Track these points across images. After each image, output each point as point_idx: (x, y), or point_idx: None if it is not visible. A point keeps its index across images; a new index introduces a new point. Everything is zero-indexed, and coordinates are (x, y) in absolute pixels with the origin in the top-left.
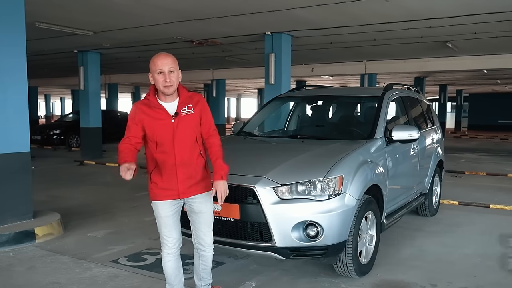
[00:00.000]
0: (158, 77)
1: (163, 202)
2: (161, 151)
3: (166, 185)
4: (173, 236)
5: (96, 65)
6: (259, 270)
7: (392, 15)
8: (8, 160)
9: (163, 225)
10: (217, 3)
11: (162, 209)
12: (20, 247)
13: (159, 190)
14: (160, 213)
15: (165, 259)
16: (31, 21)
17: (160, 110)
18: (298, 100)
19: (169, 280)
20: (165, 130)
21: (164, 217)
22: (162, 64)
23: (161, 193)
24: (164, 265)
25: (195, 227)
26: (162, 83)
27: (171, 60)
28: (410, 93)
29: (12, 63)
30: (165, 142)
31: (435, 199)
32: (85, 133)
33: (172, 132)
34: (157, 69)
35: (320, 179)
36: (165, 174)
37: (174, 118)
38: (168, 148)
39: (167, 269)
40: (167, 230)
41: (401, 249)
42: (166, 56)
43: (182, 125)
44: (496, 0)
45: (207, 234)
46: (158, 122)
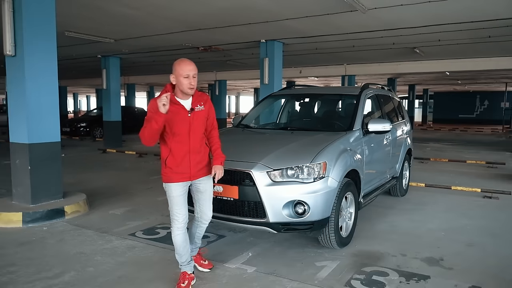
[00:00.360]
0: (184, 80)
1: (176, 184)
2: (177, 141)
3: (180, 170)
4: (182, 213)
5: (117, 68)
6: (255, 242)
7: (368, 25)
8: (42, 149)
9: (174, 204)
10: (220, 15)
11: (175, 190)
12: (52, 223)
13: (174, 174)
14: (172, 194)
15: (174, 233)
16: (61, 30)
17: (179, 106)
18: (288, 98)
19: (178, 250)
20: (182, 122)
21: (176, 196)
22: (189, 70)
23: (175, 176)
24: (174, 238)
25: (200, 204)
26: (188, 86)
27: (194, 67)
28: (383, 92)
29: (46, 67)
30: (182, 133)
31: (405, 181)
32: (107, 126)
33: (188, 125)
34: (185, 73)
35: (307, 164)
36: (180, 160)
37: (190, 113)
38: (184, 138)
39: (176, 242)
40: (178, 208)
41: (376, 224)
42: (191, 63)
43: (196, 119)
44: (457, 13)
45: (209, 209)
46: (177, 116)
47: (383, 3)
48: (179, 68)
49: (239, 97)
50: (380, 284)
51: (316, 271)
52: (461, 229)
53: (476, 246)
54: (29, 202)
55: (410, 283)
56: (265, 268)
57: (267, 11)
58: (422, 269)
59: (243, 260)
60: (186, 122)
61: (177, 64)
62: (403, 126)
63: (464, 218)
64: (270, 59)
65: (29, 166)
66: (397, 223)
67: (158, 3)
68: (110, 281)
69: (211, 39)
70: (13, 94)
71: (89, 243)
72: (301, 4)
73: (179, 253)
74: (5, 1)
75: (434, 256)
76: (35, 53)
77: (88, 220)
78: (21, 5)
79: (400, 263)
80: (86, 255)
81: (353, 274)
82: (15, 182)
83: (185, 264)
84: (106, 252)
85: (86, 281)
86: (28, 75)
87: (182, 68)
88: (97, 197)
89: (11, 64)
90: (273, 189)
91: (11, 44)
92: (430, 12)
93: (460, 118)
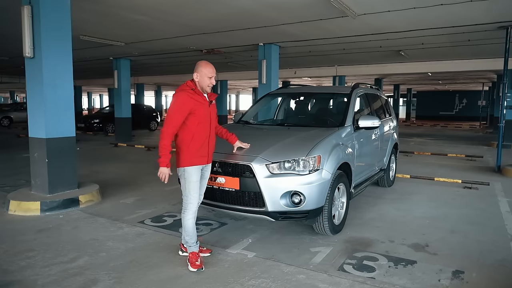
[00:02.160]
0: (208, 80)
1: (197, 167)
2: (201, 127)
3: (201, 153)
4: (197, 197)
5: (127, 69)
6: (255, 229)
7: (357, 30)
8: (58, 143)
9: (192, 189)
10: (222, 20)
11: (196, 173)
12: (67, 211)
13: (196, 158)
14: (193, 178)
15: (187, 217)
16: (77, 35)
17: (202, 97)
18: (284, 96)
19: (189, 233)
20: (206, 111)
21: (195, 182)
22: (213, 72)
23: (197, 160)
24: (187, 222)
25: (201, 190)
26: (209, 84)
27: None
28: (372, 91)
29: (62, 67)
30: (205, 121)
31: (392, 173)
32: (119, 122)
33: (209, 114)
34: (210, 74)
35: (303, 157)
36: (201, 144)
37: (210, 105)
38: (206, 125)
39: (188, 225)
40: (194, 193)
41: (366, 213)
42: (213, 66)
43: (213, 110)
44: (439, 19)
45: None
46: (202, 106)
47: (371, 10)
48: (205, 69)
49: (238, 95)
50: (371, 268)
51: (311, 256)
52: (444, 217)
53: (458, 233)
54: (47, 192)
55: (398, 268)
56: (264, 254)
57: (265, 17)
58: (409, 254)
59: (243, 246)
60: (208, 111)
61: (204, 66)
62: (390, 122)
63: (447, 207)
64: (268, 61)
65: (46, 159)
66: (385, 212)
67: (165, 10)
68: (121, 265)
69: (214, 43)
70: (31, 93)
71: (102, 230)
72: (296, 11)
73: (190, 235)
74: (24, 8)
75: (420, 242)
76: (52, 55)
77: (100, 209)
78: (39, 11)
79: (389, 249)
80: (99, 241)
81: (346, 259)
82: (34, 174)
83: (194, 245)
84: (117, 238)
85: (99, 265)
86: (45, 76)
87: (209, 70)
88: (109, 187)
89: (30, 65)
90: (272, 180)
91: (30, 47)
92: (414, 18)
93: (441, 115)
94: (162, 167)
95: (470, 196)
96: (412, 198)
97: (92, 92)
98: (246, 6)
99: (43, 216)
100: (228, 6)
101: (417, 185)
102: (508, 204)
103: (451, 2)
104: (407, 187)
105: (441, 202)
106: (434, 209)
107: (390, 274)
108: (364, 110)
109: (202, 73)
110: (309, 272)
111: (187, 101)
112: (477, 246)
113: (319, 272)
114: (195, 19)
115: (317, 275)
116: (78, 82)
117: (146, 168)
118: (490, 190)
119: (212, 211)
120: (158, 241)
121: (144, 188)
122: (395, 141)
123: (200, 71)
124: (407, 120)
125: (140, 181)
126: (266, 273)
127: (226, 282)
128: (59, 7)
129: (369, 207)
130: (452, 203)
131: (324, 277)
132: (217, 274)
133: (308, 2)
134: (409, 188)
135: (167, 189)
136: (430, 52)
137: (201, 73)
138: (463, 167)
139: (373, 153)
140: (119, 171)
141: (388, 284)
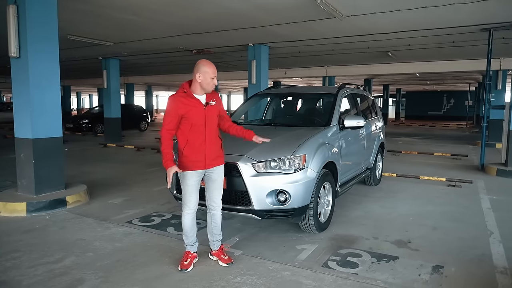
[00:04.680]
0: (211, 80)
1: (192, 172)
2: (194, 131)
3: (197, 158)
4: (193, 200)
5: (116, 69)
6: (242, 228)
7: (346, 31)
8: (45, 143)
9: (187, 191)
10: (212, 20)
11: (190, 178)
12: (54, 212)
13: (191, 163)
14: (188, 182)
15: (185, 217)
16: (64, 34)
17: (195, 100)
18: (272, 96)
19: (186, 232)
20: (199, 115)
21: (190, 185)
22: (216, 73)
23: (191, 165)
24: (184, 221)
25: (210, 192)
26: (211, 85)
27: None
28: (359, 91)
29: (48, 67)
30: (198, 124)
31: (378, 172)
32: (108, 122)
33: (204, 117)
34: (213, 74)
35: (288, 157)
36: (196, 149)
37: (205, 107)
38: (201, 129)
39: (185, 224)
40: (190, 196)
41: (351, 211)
42: (215, 66)
43: (210, 112)
44: (424, 20)
45: (217, 196)
46: (194, 109)
47: (358, 11)
48: (208, 70)
49: (230, 95)
50: (354, 264)
51: (296, 253)
52: (428, 214)
53: (440, 230)
54: (33, 193)
55: (381, 263)
56: (251, 251)
57: (254, 18)
58: (391, 250)
59: (231, 244)
60: (202, 114)
61: (207, 66)
62: (377, 122)
63: (431, 205)
64: (257, 61)
65: (33, 160)
66: (370, 209)
67: (154, 8)
68: (107, 264)
69: (204, 43)
70: (17, 93)
71: (89, 230)
72: (284, 12)
73: (186, 234)
74: (10, 7)
75: (403, 239)
76: (38, 54)
77: (88, 209)
78: (25, 11)
79: (372, 246)
80: (86, 241)
81: (330, 256)
82: (20, 175)
83: (190, 245)
84: (104, 238)
85: (85, 265)
86: (31, 76)
87: (212, 70)
88: (97, 188)
89: (16, 65)
90: (258, 179)
91: (15, 46)
92: (400, 19)
93: (429, 115)
94: (168, 168)
95: (453, 194)
96: (398, 196)
97: (82, 92)
98: (234, 7)
99: (29, 217)
100: (216, 5)
101: (403, 183)
102: (490, 202)
103: (435, 5)
104: (393, 186)
105: (425, 200)
106: (418, 207)
107: (373, 269)
108: (351, 110)
109: (206, 74)
110: (294, 269)
111: (176, 105)
112: (457, 242)
113: (303, 268)
114: (184, 18)
115: (302, 272)
116: (67, 82)
117: (135, 168)
118: (473, 188)
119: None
120: (146, 241)
121: (133, 188)
122: (382, 140)
123: (204, 71)
124: (396, 120)
125: (129, 181)
126: (252, 270)
127: (212, 280)
128: (46, 7)
129: (355, 205)
130: (436, 201)
131: (308, 273)
132: (203, 272)
133: (296, 3)
134: (395, 187)
135: (155, 189)
136: (417, 53)
137: (205, 74)
138: (448, 166)
139: (359, 152)
140: (108, 171)
141: (370, 279)
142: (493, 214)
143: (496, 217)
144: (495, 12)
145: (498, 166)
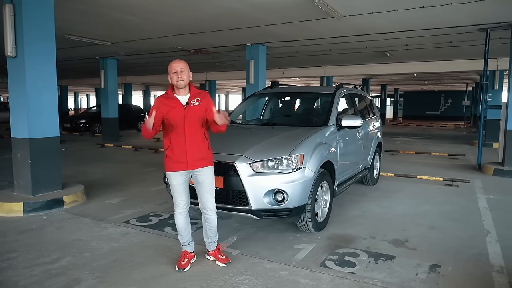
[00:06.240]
0: (173, 75)
1: (175, 173)
2: (175, 132)
3: (178, 159)
4: (183, 199)
5: (114, 69)
6: (239, 227)
7: (343, 31)
8: (42, 143)
9: (175, 191)
10: (210, 20)
11: (174, 178)
12: (51, 212)
13: (173, 163)
14: (173, 182)
15: (177, 216)
16: (62, 34)
17: (175, 101)
18: (270, 96)
19: (180, 232)
20: (178, 115)
21: (176, 185)
22: (176, 66)
23: (174, 166)
24: (177, 221)
25: (200, 195)
26: (175, 79)
27: (182, 63)
28: (356, 91)
29: (45, 67)
30: (178, 125)
31: (375, 172)
32: (105, 122)
33: (183, 117)
34: (173, 70)
35: (286, 156)
36: (177, 149)
37: (185, 107)
38: (181, 130)
39: (178, 224)
40: (178, 195)
41: (349, 210)
42: (179, 60)
43: (190, 113)
44: (421, 21)
45: (209, 200)
46: (173, 110)
47: (355, 11)
48: (169, 67)
49: (228, 95)
50: (351, 264)
51: (294, 253)
52: (425, 213)
53: (437, 229)
54: (30, 193)
55: (378, 263)
56: (248, 251)
57: (252, 17)
58: (389, 250)
59: (228, 244)
60: (181, 115)
61: (169, 65)
62: (374, 121)
63: (428, 204)
64: (255, 61)
65: (29, 160)
66: (368, 209)
67: (153, 8)
68: (104, 264)
69: (201, 42)
70: (14, 93)
71: (86, 230)
72: (282, 12)
73: (181, 234)
74: (6, 6)
75: (400, 238)
76: (34, 54)
77: (85, 209)
78: (22, 10)
79: (370, 245)
80: (83, 241)
81: (328, 255)
82: (17, 175)
83: (186, 244)
84: (101, 238)
85: (82, 265)
86: (28, 75)
87: (171, 66)
88: (95, 188)
89: (12, 65)
90: (255, 179)
91: (12, 46)
92: (397, 19)
93: (426, 115)
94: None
95: (450, 193)
96: (395, 195)
97: (79, 92)
98: (232, 6)
99: (26, 217)
100: (214, 5)
101: (401, 183)
102: (486, 201)
103: (432, 5)
104: (390, 185)
105: (423, 199)
106: (415, 206)
107: (370, 269)
108: (349, 110)
109: (169, 72)
110: (292, 268)
111: (157, 105)
112: (455, 241)
113: (301, 268)
114: (182, 18)
115: (299, 271)
116: (64, 81)
117: (133, 168)
118: (470, 187)
119: (197, 210)
120: (143, 241)
121: (131, 188)
122: (379, 140)
123: (168, 71)
124: (394, 120)
125: (127, 181)
126: (249, 270)
127: (209, 280)
128: (42, 6)
129: (352, 205)
130: (433, 200)
131: (305, 272)
132: (200, 272)
133: (294, 3)
134: (393, 186)
135: (153, 189)
136: (414, 53)
137: (168, 72)
138: (445, 165)
139: (357, 152)
140: (106, 171)
141: (368, 279)
142: (490, 213)
143: (493, 216)
144: (492, 12)
145: (495, 165)
